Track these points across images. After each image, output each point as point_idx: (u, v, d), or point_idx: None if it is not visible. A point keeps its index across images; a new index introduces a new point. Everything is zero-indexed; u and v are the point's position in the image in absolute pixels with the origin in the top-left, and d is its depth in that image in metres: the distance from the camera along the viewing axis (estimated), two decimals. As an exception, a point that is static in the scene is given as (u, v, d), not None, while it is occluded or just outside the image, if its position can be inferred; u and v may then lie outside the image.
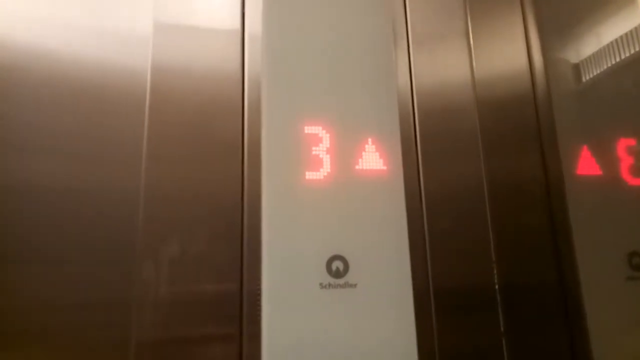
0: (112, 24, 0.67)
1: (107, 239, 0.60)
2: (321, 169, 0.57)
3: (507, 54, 0.80)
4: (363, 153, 0.58)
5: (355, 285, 0.54)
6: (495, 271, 0.69)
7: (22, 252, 0.58)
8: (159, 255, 0.60)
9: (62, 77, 0.64)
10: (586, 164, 0.71)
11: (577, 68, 0.78)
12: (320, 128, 0.58)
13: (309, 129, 0.58)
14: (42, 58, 0.64)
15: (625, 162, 0.72)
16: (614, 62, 0.79)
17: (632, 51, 0.80)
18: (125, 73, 0.66)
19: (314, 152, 0.57)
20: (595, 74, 0.78)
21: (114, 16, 0.68)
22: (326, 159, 0.57)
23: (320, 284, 0.54)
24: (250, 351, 0.59)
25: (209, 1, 0.71)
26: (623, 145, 0.73)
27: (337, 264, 0.55)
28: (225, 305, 0.61)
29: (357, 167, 0.58)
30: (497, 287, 0.69)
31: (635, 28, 0.81)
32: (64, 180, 0.61)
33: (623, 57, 0.80)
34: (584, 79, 0.78)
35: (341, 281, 0.54)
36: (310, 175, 0.56)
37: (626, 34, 0.81)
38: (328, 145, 0.57)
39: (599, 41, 0.80)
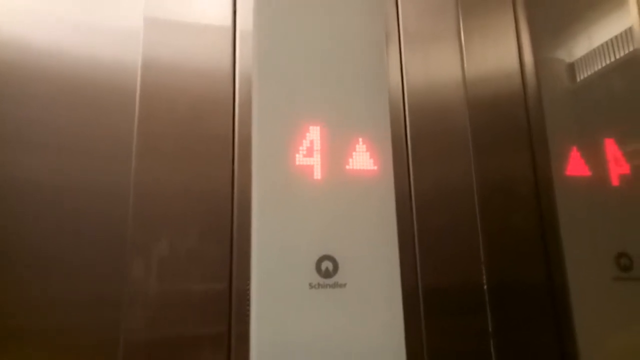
0: (102, 20, 0.67)
1: (96, 236, 0.60)
2: (311, 168, 0.56)
3: (499, 54, 0.80)
4: (353, 153, 0.58)
5: (344, 285, 0.54)
6: (484, 271, 0.69)
7: (9, 249, 0.58)
8: (149, 253, 0.60)
9: (51, 72, 0.63)
10: (575, 165, 0.72)
11: (568, 69, 0.78)
12: (311, 127, 0.58)
13: (299, 128, 0.57)
14: (31, 53, 0.63)
15: (613, 163, 0.73)
16: (605, 64, 0.80)
17: (623, 53, 0.80)
18: (115, 69, 0.66)
19: (304, 152, 0.57)
20: (586, 75, 0.78)
21: (105, 11, 0.67)
22: (316, 159, 0.57)
23: (310, 284, 0.54)
24: (239, 350, 0.59)
25: (200, -3, 0.70)
26: (612, 147, 0.73)
27: (326, 264, 0.55)
28: (215, 304, 0.61)
29: (347, 167, 0.57)
30: (485, 287, 0.69)
31: (627, 30, 0.81)
32: (52, 176, 0.61)
33: (614, 58, 0.80)
34: (574, 80, 0.78)
35: (330, 281, 0.54)
36: (300, 175, 0.56)
37: (618, 36, 0.81)
38: (318, 145, 0.57)
39: (590, 42, 0.81)
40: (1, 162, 0.60)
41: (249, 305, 0.54)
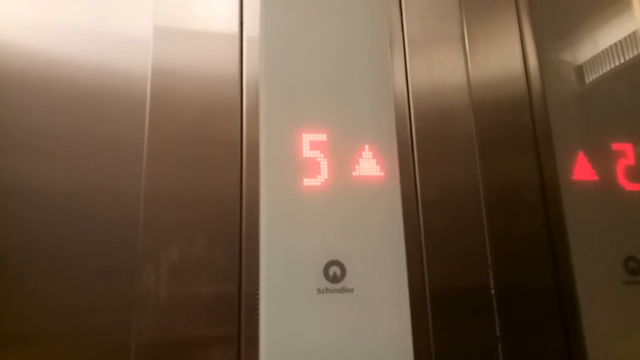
0: (112, 28, 0.68)
1: (107, 242, 0.61)
2: (318, 175, 0.57)
3: (503, 57, 0.80)
4: (360, 159, 0.58)
5: (352, 290, 0.55)
6: (491, 275, 0.69)
7: (21, 255, 0.59)
8: (159, 259, 0.61)
9: (62, 80, 0.64)
10: (582, 169, 0.71)
11: (573, 73, 0.78)
12: (318, 135, 0.58)
13: (306, 136, 0.58)
14: (42, 62, 0.64)
15: (621, 167, 0.72)
16: (610, 68, 0.80)
17: (629, 57, 0.80)
18: (125, 77, 0.66)
19: (311, 159, 0.57)
20: (591, 79, 0.78)
21: (115, 20, 0.68)
22: (323, 165, 0.57)
23: (318, 289, 0.54)
24: (248, 353, 0.59)
25: (207, 5, 0.71)
26: (619, 151, 0.73)
27: (334, 269, 0.55)
28: (224, 308, 0.61)
29: (354, 173, 0.58)
30: (493, 291, 0.69)
31: (632, 33, 0.81)
32: (64, 184, 0.61)
33: (619, 62, 0.80)
34: (580, 84, 0.78)
35: (338, 286, 0.55)
36: (307, 181, 0.57)
37: (623, 40, 0.81)
38: (325, 152, 0.58)
39: (595, 46, 0.81)
40: (12, 169, 0.60)
41: (258, 308, 0.54)
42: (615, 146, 0.73)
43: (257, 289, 0.55)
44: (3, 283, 0.57)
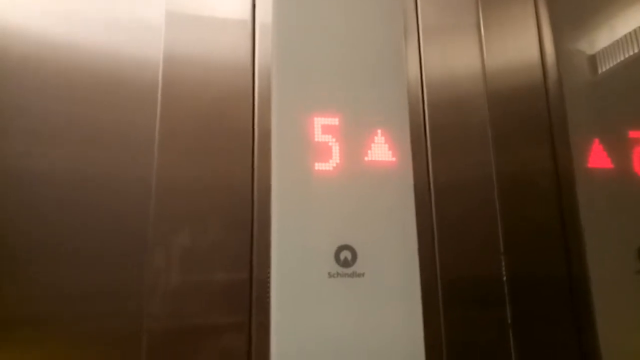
0: (124, 15, 0.68)
1: (118, 228, 0.61)
2: (330, 160, 0.57)
3: (519, 45, 0.79)
4: (372, 144, 0.58)
5: (362, 275, 0.55)
6: (503, 263, 0.69)
7: (33, 240, 0.59)
8: (170, 245, 0.61)
9: (74, 67, 0.65)
10: (597, 157, 0.71)
11: (589, 60, 0.77)
12: (330, 119, 0.58)
13: (318, 120, 0.58)
14: (55, 48, 0.65)
15: (637, 155, 0.71)
16: (627, 55, 0.78)
17: (646, 44, 0.79)
18: (137, 63, 0.67)
19: (323, 143, 0.57)
20: (608, 66, 0.77)
21: (127, 7, 0.68)
22: (335, 150, 0.57)
23: (329, 273, 0.54)
24: (260, 339, 0.60)
25: (220, -9, 0.71)
26: (635, 139, 0.72)
27: (345, 254, 0.55)
28: (235, 294, 0.61)
29: (366, 158, 0.58)
30: (505, 279, 0.69)
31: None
32: (76, 170, 0.62)
33: (636, 50, 0.79)
34: (596, 72, 0.77)
35: (349, 270, 0.55)
36: (319, 166, 0.57)
37: (639, 28, 0.80)
38: (337, 136, 0.58)
39: (612, 34, 0.79)
40: (24, 155, 0.61)
41: (269, 294, 0.54)
42: (633, 134, 0.72)
43: (269, 277, 0.55)
44: (16, 268, 0.58)
